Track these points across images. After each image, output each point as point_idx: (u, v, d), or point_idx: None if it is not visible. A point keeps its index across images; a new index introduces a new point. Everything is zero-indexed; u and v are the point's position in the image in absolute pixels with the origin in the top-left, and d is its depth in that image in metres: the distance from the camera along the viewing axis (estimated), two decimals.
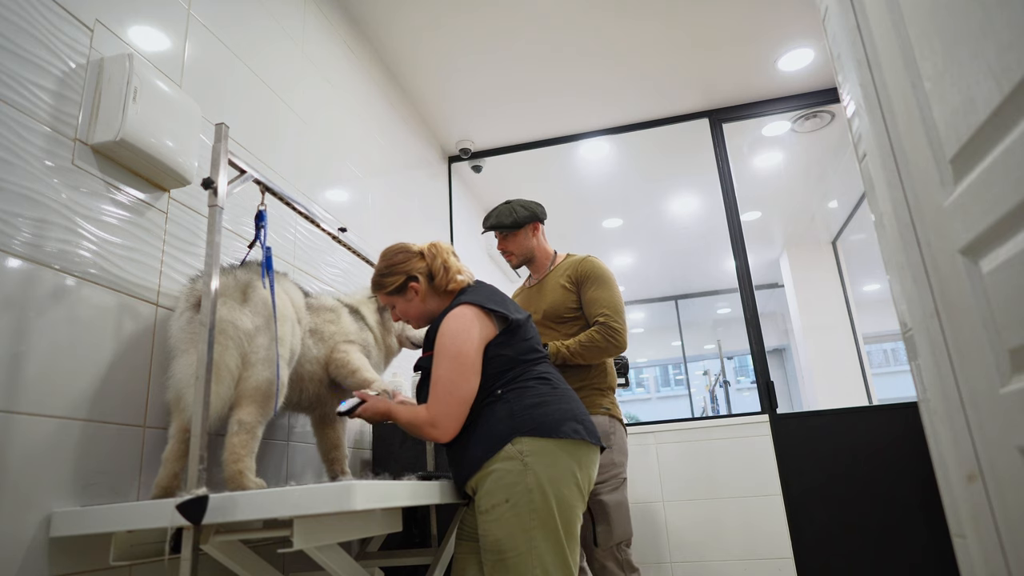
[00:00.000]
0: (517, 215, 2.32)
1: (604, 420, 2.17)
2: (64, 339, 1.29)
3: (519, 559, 1.43)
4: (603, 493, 2.08)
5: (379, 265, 1.77)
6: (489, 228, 2.34)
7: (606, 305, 2.18)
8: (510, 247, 2.36)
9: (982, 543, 1.00)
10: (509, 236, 2.34)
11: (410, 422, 1.57)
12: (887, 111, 1.18)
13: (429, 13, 2.87)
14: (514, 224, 2.32)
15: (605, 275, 2.25)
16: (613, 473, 2.11)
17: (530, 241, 2.36)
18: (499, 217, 2.33)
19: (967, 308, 0.98)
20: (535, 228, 2.36)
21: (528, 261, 2.39)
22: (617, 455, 2.14)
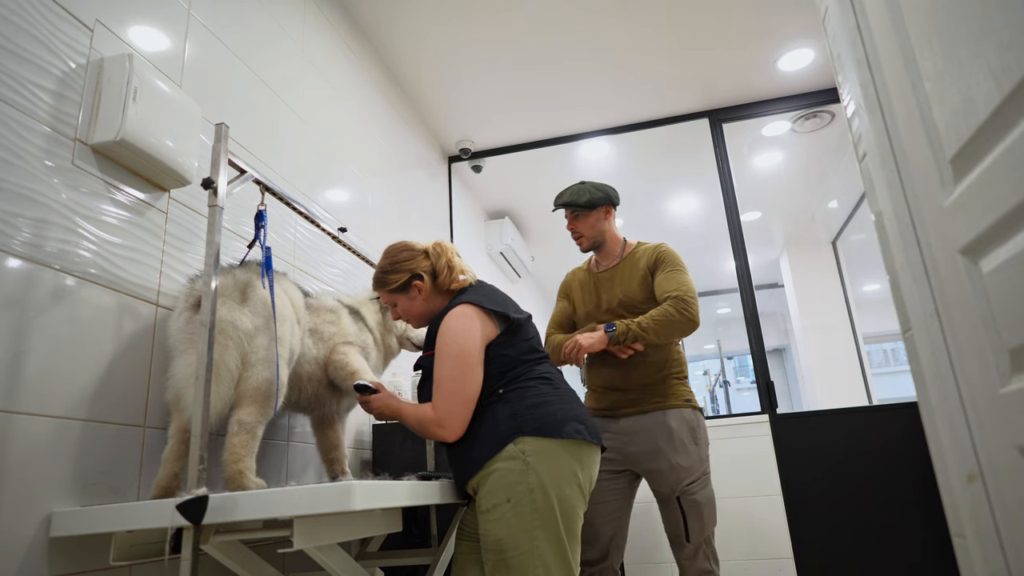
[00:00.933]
0: (592, 195, 2.22)
1: (689, 414, 2.09)
2: (64, 339, 1.29)
3: (521, 559, 1.43)
4: (696, 492, 2.03)
5: (382, 262, 1.77)
6: (562, 205, 2.26)
7: (680, 284, 2.09)
8: (581, 228, 2.26)
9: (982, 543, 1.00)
10: (581, 216, 2.25)
11: (417, 421, 1.58)
12: (887, 111, 1.17)
13: (429, 13, 2.87)
14: (588, 204, 2.22)
15: (680, 261, 2.18)
16: (702, 470, 2.05)
17: (602, 224, 2.26)
18: (573, 195, 2.24)
19: (967, 308, 0.98)
20: (608, 212, 2.26)
21: (598, 245, 2.28)
22: (704, 449, 2.08)
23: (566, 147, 3.99)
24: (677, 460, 2.02)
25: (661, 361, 2.12)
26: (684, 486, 2.02)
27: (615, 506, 2.10)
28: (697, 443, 2.06)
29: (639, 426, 2.08)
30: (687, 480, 2.02)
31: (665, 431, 2.04)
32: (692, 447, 2.04)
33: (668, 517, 2.07)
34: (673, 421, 2.05)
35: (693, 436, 2.05)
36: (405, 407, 1.62)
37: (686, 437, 2.04)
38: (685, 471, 2.02)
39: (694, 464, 2.03)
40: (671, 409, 2.07)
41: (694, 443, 2.05)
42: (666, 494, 2.05)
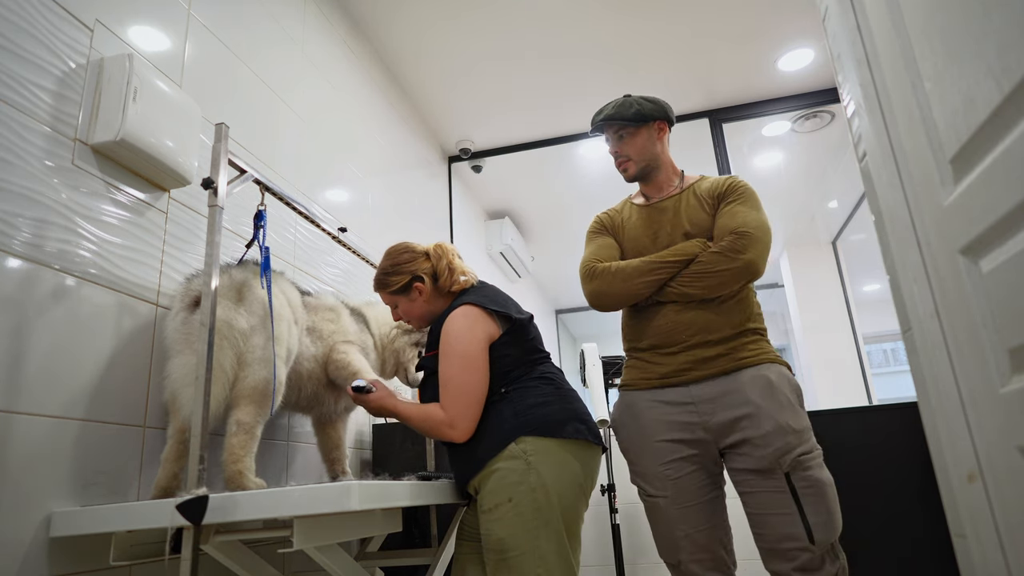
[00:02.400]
0: (641, 107, 1.75)
1: (788, 373, 1.61)
2: (64, 339, 1.29)
3: (522, 558, 1.43)
4: (813, 467, 1.47)
5: (383, 264, 1.76)
6: (603, 120, 1.77)
7: (749, 220, 1.60)
8: (628, 150, 1.77)
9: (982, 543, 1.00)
10: (627, 135, 1.76)
11: (424, 422, 1.56)
12: (887, 111, 1.17)
13: (429, 13, 2.87)
14: (637, 117, 1.73)
15: (756, 197, 1.69)
16: (814, 444, 1.53)
17: (654, 145, 1.77)
18: (618, 108, 1.76)
19: (967, 308, 0.98)
20: (662, 130, 1.78)
21: (649, 172, 1.79)
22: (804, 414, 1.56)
23: (566, 147, 3.99)
24: (785, 419, 1.49)
25: (738, 310, 1.63)
26: (796, 456, 1.46)
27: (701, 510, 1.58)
28: (801, 404, 1.56)
29: (724, 388, 1.57)
30: (800, 449, 1.47)
31: (763, 384, 1.53)
32: (799, 407, 1.54)
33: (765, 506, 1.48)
34: (772, 374, 1.56)
35: (797, 394, 1.57)
36: (405, 407, 1.61)
37: (791, 395, 1.54)
38: (797, 435, 1.48)
39: (806, 429, 1.51)
40: (763, 364, 1.58)
41: (799, 403, 1.55)
42: (768, 468, 1.48)
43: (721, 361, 1.59)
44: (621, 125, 1.75)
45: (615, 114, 1.75)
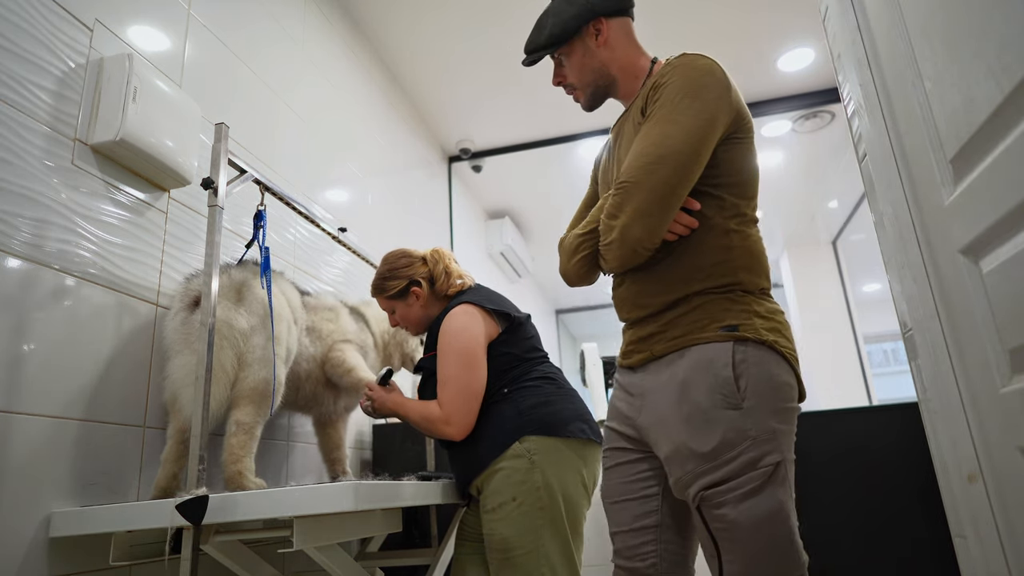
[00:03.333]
0: (558, 20, 1.33)
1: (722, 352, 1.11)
2: (64, 339, 1.29)
3: (526, 557, 1.44)
4: (726, 503, 1.07)
5: (381, 269, 1.78)
6: (528, 57, 1.38)
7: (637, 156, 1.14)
8: (567, 76, 1.38)
9: (982, 543, 1.00)
10: (564, 59, 1.37)
11: (422, 419, 1.57)
12: (887, 111, 1.17)
13: (430, 13, 2.87)
14: (551, 40, 1.33)
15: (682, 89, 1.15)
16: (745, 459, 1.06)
17: (595, 55, 1.33)
18: (532, 35, 1.38)
19: (967, 308, 0.97)
20: (598, 29, 1.32)
21: (607, 89, 1.37)
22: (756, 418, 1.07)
23: (566, 147, 3.99)
24: (684, 439, 1.11)
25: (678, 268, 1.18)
26: (700, 489, 1.10)
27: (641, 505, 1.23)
28: (735, 405, 1.08)
29: (652, 380, 1.20)
30: (705, 480, 1.09)
31: (672, 389, 1.15)
32: (719, 414, 1.08)
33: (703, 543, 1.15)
34: (685, 368, 1.13)
35: (725, 392, 1.09)
36: (407, 404, 1.62)
37: (705, 396, 1.10)
38: (700, 460, 1.09)
39: (717, 450, 1.07)
40: (693, 347, 1.14)
41: (726, 405, 1.08)
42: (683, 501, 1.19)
43: (652, 342, 1.20)
44: (539, 53, 1.37)
45: (531, 45, 1.37)
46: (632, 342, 1.26)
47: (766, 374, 1.09)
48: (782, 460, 1.08)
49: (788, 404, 1.11)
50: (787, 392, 1.11)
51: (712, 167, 1.16)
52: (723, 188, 1.17)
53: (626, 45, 1.35)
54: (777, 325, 1.14)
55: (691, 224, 1.16)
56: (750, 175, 1.20)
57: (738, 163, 1.18)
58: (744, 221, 1.19)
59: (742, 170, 1.18)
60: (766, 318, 1.14)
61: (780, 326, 1.15)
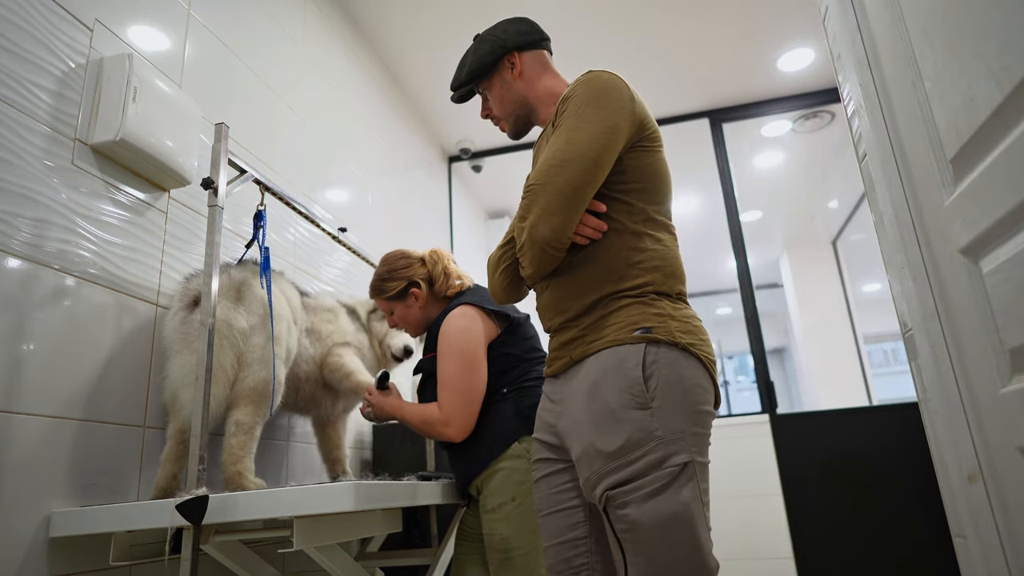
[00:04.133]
0: (476, 58, 1.41)
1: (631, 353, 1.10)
2: (64, 339, 1.29)
3: (526, 557, 1.44)
4: (630, 503, 1.05)
5: (380, 270, 1.78)
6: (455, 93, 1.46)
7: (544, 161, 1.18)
8: (489, 109, 1.46)
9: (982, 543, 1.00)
10: (487, 93, 1.44)
11: (421, 422, 1.57)
12: (887, 111, 1.17)
13: (430, 13, 2.87)
14: (470, 76, 1.41)
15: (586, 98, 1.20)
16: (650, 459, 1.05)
17: (511, 87, 1.40)
18: (456, 73, 1.45)
19: (967, 308, 0.98)
20: (513, 64, 1.40)
21: (528, 119, 1.43)
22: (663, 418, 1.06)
23: None
24: (592, 439, 1.10)
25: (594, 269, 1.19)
26: (605, 489, 1.08)
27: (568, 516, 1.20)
28: (644, 405, 1.07)
29: (569, 387, 1.20)
30: (611, 480, 1.07)
31: (584, 390, 1.14)
32: (627, 413, 1.07)
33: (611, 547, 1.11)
34: (597, 370, 1.13)
35: (634, 392, 1.08)
36: (406, 407, 1.62)
37: (614, 396, 1.09)
38: (606, 460, 1.08)
39: (623, 449, 1.06)
40: (606, 349, 1.13)
41: (635, 405, 1.07)
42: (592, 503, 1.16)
43: (571, 347, 1.20)
44: (468, 88, 1.44)
45: (454, 82, 1.44)
46: (554, 349, 1.26)
47: (677, 375, 1.09)
48: (690, 461, 1.06)
49: (700, 407, 1.10)
50: (699, 394, 1.10)
51: (619, 173, 1.19)
52: (631, 193, 1.20)
53: (541, 75, 1.42)
54: (692, 328, 1.15)
55: (599, 227, 1.19)
56: (658, 182, 1.23)
57: (645, 170, 1.21)
58: (654, 225, 1.21)
59: (649, 176, 1.22)
60: (681, 321, 1.14)
61: (696, 330, 1.15)
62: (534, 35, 1.43)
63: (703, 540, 1.04)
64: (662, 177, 1.24)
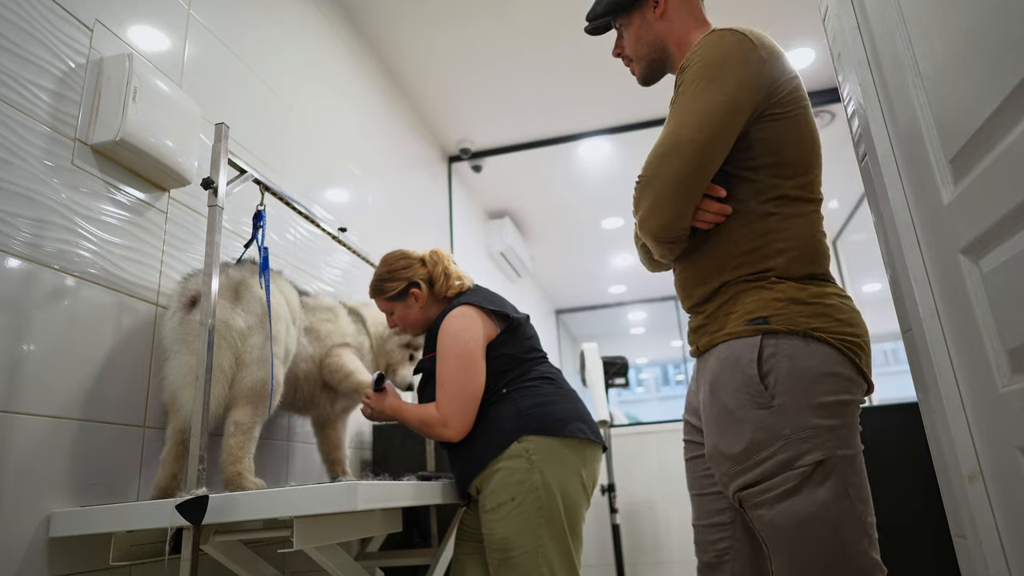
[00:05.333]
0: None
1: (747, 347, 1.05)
2: (64, 339, 1.29)
3: (525, 557, 1.44)
4: (763, 503, 1.01)
5: (380, 270, 1.78)
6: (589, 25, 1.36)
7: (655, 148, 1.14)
8: (622, 47, 1.35)
9: (982, 544, 1.00)
10: (622, 29, 1.33)
11: (420, 422, 1.57)
12: (887, 111, 1.17)
13: (429, 13, 2.87)
14: (609, 8, 1.30)
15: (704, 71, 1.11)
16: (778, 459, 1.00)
17: (651, 27, 1.28)
18: (595, 3, 1.35)
19: (967, 308, 0.97)
20: (655, 2, 1.28)
21: (662, 65, 1.32)
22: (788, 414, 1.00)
23: (566, 147, 3.99)
24: (715, 441, 1.08)
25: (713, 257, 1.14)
26: (737, 491, 1.05)
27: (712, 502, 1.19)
28: (764, 404, 1.01)
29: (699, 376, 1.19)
30: (739, 481, 1.04)
31: (706, 389, 1.12)
32: (747, 413, 1.03)
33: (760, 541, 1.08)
34: (713, 368, 1.09)
35: (752, 391, 1.03)
36: (405, 407, 1.62)
37: (731, 396, 1.05)
38: (732, 462, 1.05)
39: (746, 451, 1.02)
40: (721, 344, 1.09)
41: (754, 405, 1.02)
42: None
43: (699, 335, 1.17)
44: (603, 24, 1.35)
45: (590, 13, 1.35)
46: (689, 332, 1.22)
47: (800, 367, 1.00)
48: (826, 458, 0.98)
49: (832, 397, 1.00)
50: (830, 384, 1.00)
51: (745, 149, 1.10)
52: (760, 170, 1.10)
53: (685, 18, 1.29)
54: (824, 310, 1.04)
55: (722, 211, 1.11)
56: (795, 153, 1.11)
57: (777, 141, 1.10)
58: (787, 202, 1.10)
59: (783, 148, 1.10)
60: (807, 304, 1.04)
61: (829, 310, 1.04)
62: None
63: (850, 541, 0.97)
64: (799, 145, 1.11)
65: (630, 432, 3.29)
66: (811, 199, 1.13)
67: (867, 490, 1.02)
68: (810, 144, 1.13)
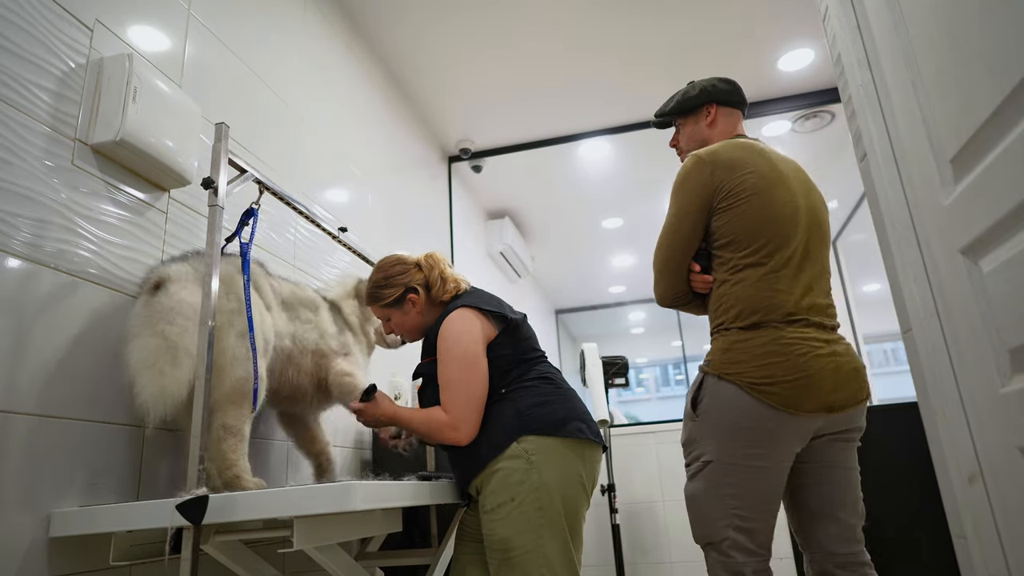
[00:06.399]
0: (684, 99, 1.73)
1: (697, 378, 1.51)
2: (64, 339, 1.29)
3: (526, 557, 1.44)
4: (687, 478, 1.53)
5: (375, 277, 1.74)
6: (657, 119, 1.80)
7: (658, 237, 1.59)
8: (677, 140, 1.78)
9: (982, 544, 1.00)
10: (679, 127, 1.76)
11: (427, 426, 1.55)
12: (887, 111, 1.18)
13: (429, 13, 2.87)
14: (674, 110, 1.74)
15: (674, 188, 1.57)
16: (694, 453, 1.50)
17: (701, 130, 1.71)
18: (665, 103, 1.78)
19: (967, 308, 0.98)
20: (709, 112, 1.70)
21: None
22: (703, 426, 1.47)
23: (566, 147, 3.99)
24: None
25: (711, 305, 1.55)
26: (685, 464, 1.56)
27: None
28: (695, 416, 1.48)
29: None
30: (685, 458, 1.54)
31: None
32: (688, 420, 1.52)
33: None
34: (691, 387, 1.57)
35: (691, 407, 1.50)
36: (405, 412, 1.59)
37: (688, 407, 1.52)
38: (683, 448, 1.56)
39: (687, 442, 1.52)
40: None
41: (691, 416, 1.50)
42: None
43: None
44: (669, 119, 1.77)
45: (660, 110, 1.78)
46: None
47: (714, 399, 1.45)
48: (713, 461, 1.44)
49: (733, 422, 1.42)
50: (730, 411, 1.42)
51: (711, 234, 1.53)
52: (721, 248, 1.51)
53: (726, 128, 1.70)
54: (742, 357, 1.42)
55: (705, 280, 1.55)
56: (742, 232, 1.48)
57: (728, 227, 1.49)
58: (737, 270, 1.48)
59: (732, 231, 1.49)
60: (731, 351, 1.44)
61: (745, 359, 1.42)
62: (734, 96, 1.71)
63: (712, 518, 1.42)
64: (746, 226, 1.48)
65: (630, 432, 3.29)
66: (758, 263, 1.47)
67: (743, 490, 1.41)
68: (756, 223, 1.48)
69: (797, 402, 1.37)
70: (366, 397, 1.62)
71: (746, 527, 1.40)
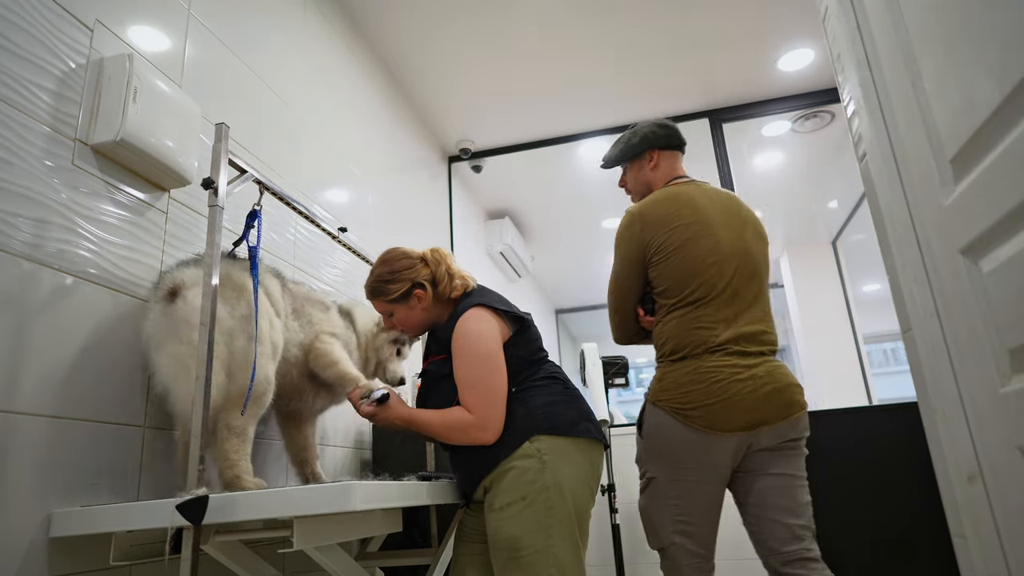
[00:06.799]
0: (627, 146, 1.89)
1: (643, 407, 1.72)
2: (64, 339, 1.29)
3: (535, 556, 1.43)
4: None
5: (380, 271, 1.70)
6: (604, 164, 1.98)
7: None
8: (625, 182, 1.95)
9: (982, 544, 1.00)
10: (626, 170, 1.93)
11: (449, 427, 1.52)
12: (887, 111, 1.17)
13: (429, 13, 2.87)
14: (619, 157, 1.91)
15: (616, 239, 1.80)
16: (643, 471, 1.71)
17: (645, 174, 1.88)
18: (610, 150, 1.95)
19: (967, 308, 0.98)
20: (651, 157, 1.86)
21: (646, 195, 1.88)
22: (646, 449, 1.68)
23: (566, 147, 3.99)
24: None
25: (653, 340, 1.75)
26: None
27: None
28: (641, 438, 1.69)
29: None
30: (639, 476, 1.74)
31: None
32: (638, 440, 1.71)
33: None
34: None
35: (639, 428, 1.71)
36: (421, 415, 1.56)
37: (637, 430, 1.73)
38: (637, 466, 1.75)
39: (637, 459, 1.72)
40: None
41: (640, 437, 1.70)
42: None
43: None
44: (615, 165, 1.94)
45: (605, 157, 1.96)
46: None
47: (652, 424, 1.65)
48: (654, 478, 1.66)
49: (665, 443, 1.62)
50: (661, 433, 1.62)
51: (650, 282, 1.74)
52: (659, 294, 1.72)
53: (667, 171, 1.87)
54: (668, 385, 1.62)
55: (649, 322, 1.77)
56: (672, 280, 1.68)
57: (661, 276, 1.69)
58: (669, 311, 1.68)
59: (665, 279, 1.69)
60: (661, 380, 1.65)
61: (672, 387, 1.61)
62: (674, 140, 1.88)
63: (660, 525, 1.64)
64: (675, 274, 1.67)
65: (630, 432, 3.28)
66: (687, 304, 1.66)
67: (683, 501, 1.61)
68: (683, 275, 1.67)
69: (716, 423, 1.55)
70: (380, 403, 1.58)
71: (689, 531, 1.61)
